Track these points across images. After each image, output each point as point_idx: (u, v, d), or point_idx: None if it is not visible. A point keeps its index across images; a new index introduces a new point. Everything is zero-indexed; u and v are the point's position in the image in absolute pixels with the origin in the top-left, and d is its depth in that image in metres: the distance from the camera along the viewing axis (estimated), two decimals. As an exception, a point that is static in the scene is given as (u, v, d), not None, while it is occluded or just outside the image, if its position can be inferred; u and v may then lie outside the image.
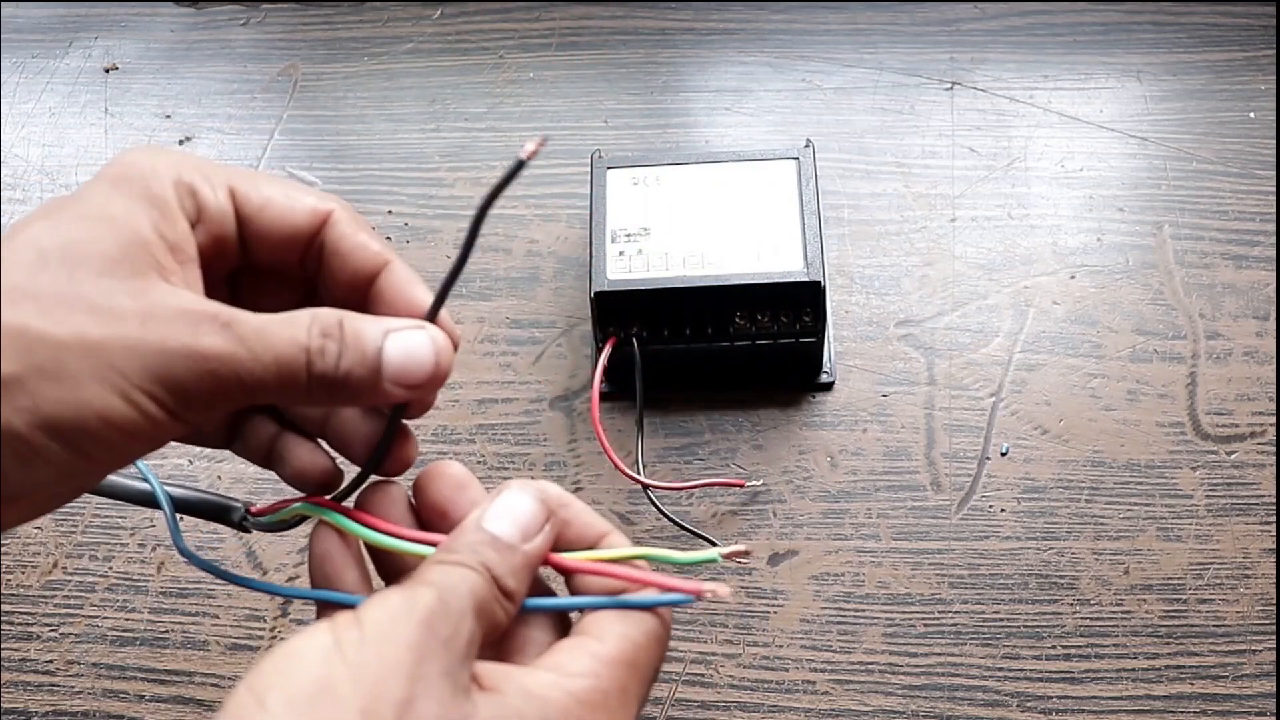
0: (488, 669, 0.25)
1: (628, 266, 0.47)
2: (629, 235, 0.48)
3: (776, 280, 0.47)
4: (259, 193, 0.28)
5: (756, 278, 0.47)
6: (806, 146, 0.51)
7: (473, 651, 0.24)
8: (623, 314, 0.47)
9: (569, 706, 0.25)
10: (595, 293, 0.47)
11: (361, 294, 0.29)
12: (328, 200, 0.29)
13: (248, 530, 0.33)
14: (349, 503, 0.29)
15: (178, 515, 0.32)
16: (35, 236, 0.24)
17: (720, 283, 0.47)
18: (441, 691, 0.23)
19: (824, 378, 0.51)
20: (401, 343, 0.27)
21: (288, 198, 0.28)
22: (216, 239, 0.27)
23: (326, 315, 0.26)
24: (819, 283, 0.46)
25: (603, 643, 0.26)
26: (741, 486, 0.48)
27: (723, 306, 0.47)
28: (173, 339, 0.24)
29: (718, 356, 0.49)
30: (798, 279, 0.46)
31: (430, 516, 0.29)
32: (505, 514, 0.27)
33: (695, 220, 0.49)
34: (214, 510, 0.33)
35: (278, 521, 0.31)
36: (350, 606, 0.25)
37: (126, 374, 0.24)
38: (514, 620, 0.27)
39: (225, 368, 0.25)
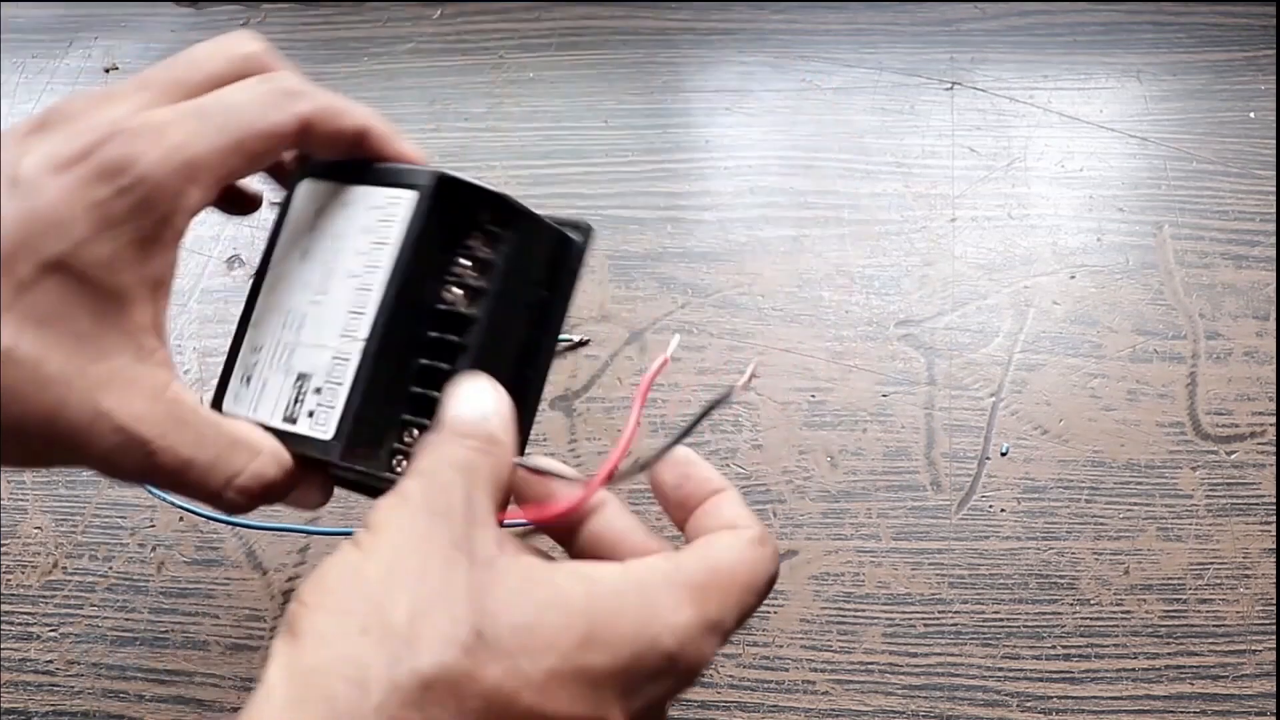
0: (523, 558, 0.26)
1: None
2: None
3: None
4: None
5: None
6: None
7: (477, 514, 0.26)
8: None
9: (580, 606, 0.25)
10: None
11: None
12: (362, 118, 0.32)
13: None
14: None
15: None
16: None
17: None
18: (451, 558, 0.24)
19: None
20: (300, 497, 0.31)
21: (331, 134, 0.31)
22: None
23: (258, 477, 0.29)
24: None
25: (669, 560, 0.27)
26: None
27: None
28: (100, 449, 0.27)
29: None
30: None
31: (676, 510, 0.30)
32: (467, 399, 0.28)
33: None
34: None
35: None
36: None
37: (49, 450, 0.27)
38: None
39: (134, 477, 0.29)
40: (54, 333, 0.26)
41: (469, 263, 0.31)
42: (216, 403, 0.32)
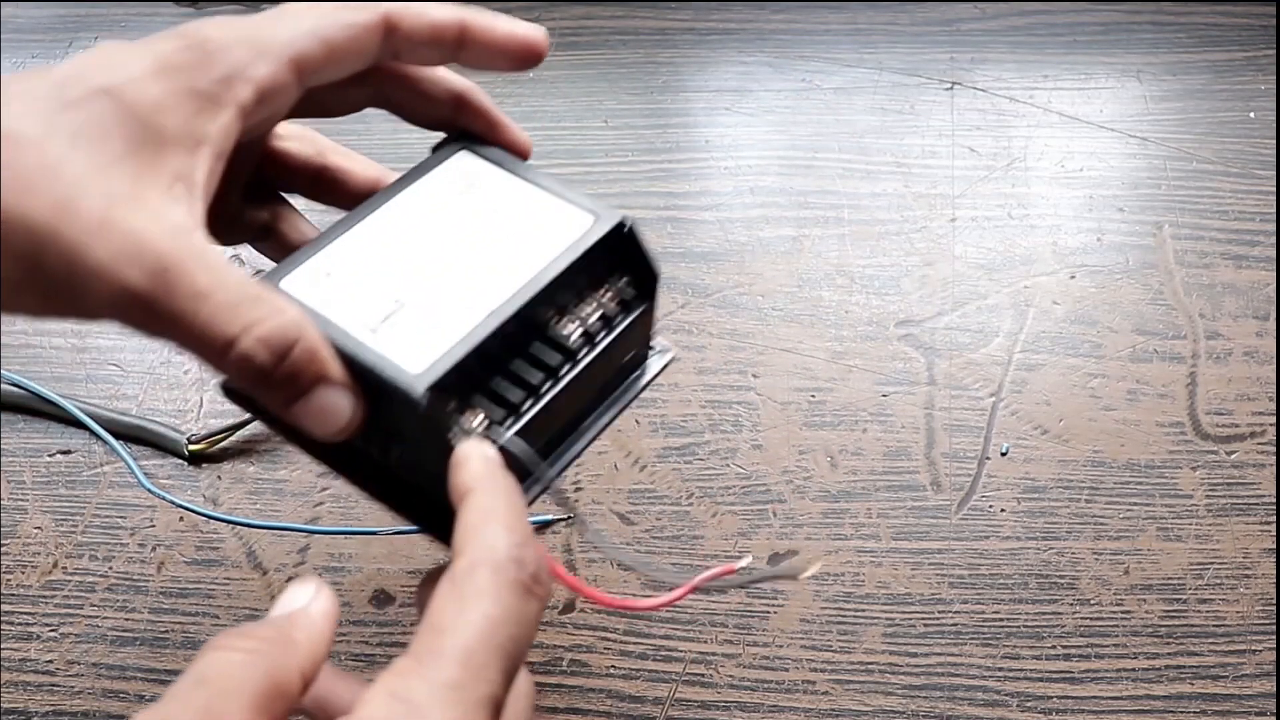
0: None
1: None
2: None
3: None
4: (323, 51, 0.30)
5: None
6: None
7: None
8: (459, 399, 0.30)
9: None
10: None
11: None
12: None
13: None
14: None
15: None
16: (73, 98, 0.27)
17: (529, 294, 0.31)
18: None
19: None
20: (327, 400, 0.28)
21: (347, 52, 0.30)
22: (272, 105, 0.29)
23: (284, 331, 0.26)
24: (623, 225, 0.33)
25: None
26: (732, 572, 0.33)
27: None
28: (105, 253, 0.25)
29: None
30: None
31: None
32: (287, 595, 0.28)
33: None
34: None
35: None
36: None
37: (45, 258, 0.25)
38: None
39: (135, 304, 0.26)
40: (86, 144, 0.26)
41: (598, 313, 0.32)
42: (270, 278, 0.30)
